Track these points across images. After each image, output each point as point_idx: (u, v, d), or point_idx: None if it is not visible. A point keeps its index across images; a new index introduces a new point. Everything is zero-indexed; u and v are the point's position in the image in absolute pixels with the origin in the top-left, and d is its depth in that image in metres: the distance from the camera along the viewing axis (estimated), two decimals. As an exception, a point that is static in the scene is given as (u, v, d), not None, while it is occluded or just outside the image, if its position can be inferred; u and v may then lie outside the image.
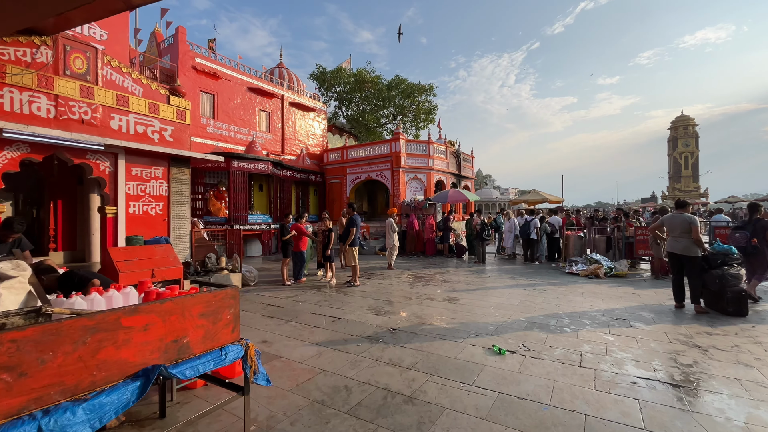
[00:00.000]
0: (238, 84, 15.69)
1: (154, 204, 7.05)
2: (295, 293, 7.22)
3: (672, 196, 52.88)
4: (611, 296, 6.80)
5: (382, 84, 25.66)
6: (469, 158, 21.90)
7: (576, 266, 9.64)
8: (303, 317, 5.53)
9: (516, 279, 8.67)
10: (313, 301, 6.60)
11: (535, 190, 20.43)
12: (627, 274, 9.15)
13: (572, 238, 10.97)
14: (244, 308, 6.02)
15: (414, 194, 16.76)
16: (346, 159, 18.16)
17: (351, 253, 7.70)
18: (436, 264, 11.45)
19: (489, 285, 7.97)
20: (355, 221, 7.67)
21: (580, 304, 6.20)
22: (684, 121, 55.50)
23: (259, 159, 14.01)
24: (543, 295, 6.94)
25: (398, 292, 7.30)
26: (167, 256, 6.72)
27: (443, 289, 7.50)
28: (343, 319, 5.40)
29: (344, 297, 6.86)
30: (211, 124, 14.51)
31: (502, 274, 9.47)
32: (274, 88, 17.34)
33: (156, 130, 7.13)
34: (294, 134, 18.50)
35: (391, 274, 9.47)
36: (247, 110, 16.07)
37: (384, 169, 16.86)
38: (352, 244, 7.74)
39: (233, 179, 13.43)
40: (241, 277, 7.84)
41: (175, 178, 7.28)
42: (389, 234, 10.33)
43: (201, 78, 14.16)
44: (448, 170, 18.61)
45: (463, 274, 9.38)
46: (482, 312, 5.73)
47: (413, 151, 16.94)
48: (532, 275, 9.17)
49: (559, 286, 7.75)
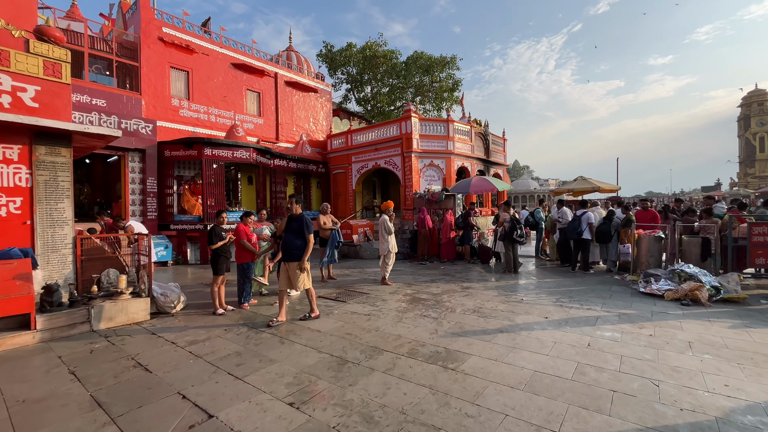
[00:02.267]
0: (220, 59, 13.43)
1: (5, 200, 4.75)
2: (209, 335, 4.67)
3: (744, 183, 45.71)
4: (753, 356, 3.66)
5: (397, 60, 22.55)
6: (500, 141, 18.50)
7: (657, 283, 6.40)
8: (153, 408, 2.93)
9: (564, 305, 5.62)
10: (220, 354, 4.01)
11: (583, 177, 16.73)
12: (746, 298, 5.81)
13: (646, 240, 7.63)
14: (85, 372, 3.54)
15: (430, 184, 13.81)
16: (350, 145, 15.50)
17: (302, 276, 5.01)
18: (451, 274, 8.55)
19: (520, 319, 5.01)
20: (301, 222, 5.01)
21: (699, 381, 3.15)
22: (759, 96, 47.66)
23: (238, 145, 11.68)
24: (617, 348, 3.91)
25: (369, 335, 4.55)
26: (11, 279, 4.40)
27: (445, 329, 4.65)
28: (217, 421, 2.74)
29: (275, 348, 4.21)
30: (185, 106, 12.35)
31: (542, 293, 6.42)
32: (265, 65, 14.96)
33: (3, 91, 4.83)
34: (291, 119, 16.08)
35: (381, 294, 6.72)
36: (232, 90, 13.80)
37: (393, 154, 14.03)
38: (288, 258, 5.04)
39: (207, 170, 11.19)
40: (148, 302, 5.41)
41: (43, 163, 4.96)
42: (382, 236, 7.57)
43: (171, 52, 12.00)
44: (473, 155, 15.43)
45: (482, 294, 6.44)
46: (501, 402, 2.86)
47: (429, 132, 13.96)
48: (588, 296, 6.06)
49: (640, 325, 4.65)
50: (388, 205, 7.65)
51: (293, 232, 5.03)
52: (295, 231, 5.03)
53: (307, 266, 5.05)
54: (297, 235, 5.02)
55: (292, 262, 5.02)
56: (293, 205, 5.09)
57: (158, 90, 11.64)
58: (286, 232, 5.10)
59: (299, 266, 4.94)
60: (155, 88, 11.56)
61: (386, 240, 7.51)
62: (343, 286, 7.53)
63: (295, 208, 5.11)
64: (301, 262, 4.94)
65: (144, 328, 4.98)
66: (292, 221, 5.10)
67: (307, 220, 5.05)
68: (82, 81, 10.12)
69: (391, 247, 7.50)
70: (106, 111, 10.19)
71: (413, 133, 13.40)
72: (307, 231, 4.99)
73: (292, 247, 5.01)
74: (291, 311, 5.65)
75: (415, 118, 13.57)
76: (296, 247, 4.98)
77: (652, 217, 8.61)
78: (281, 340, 4.39)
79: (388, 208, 7.62)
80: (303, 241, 5.00)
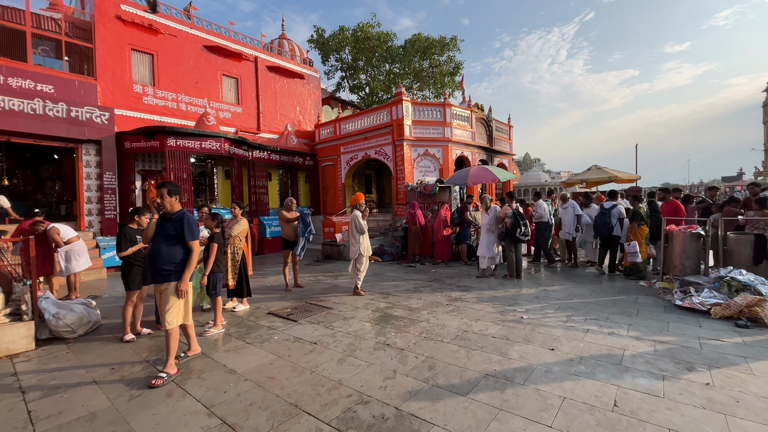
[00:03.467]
0: (189, 41, 12.18)
1: None
2: (83, 378, 3.41)
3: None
4: None
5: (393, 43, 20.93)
6: (505, 128, 16.93)
7: (699, 294, 4.95)
8: None
9: (577, 326, 4.21)
10: (68, 416, 2.75)
11: (597, 166, 15.09)
12: (825, 316, 4.32)
13: (680, 238, 6.12)
14: None
15: (425, 175, 12.42)
16: (339, 134, 14.16)
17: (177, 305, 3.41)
18: (441, 280, 7.19)
19: (516, 352, 3.63)
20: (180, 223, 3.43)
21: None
22: (787, 78, 44.62)
23: (206, 135, 10.44)
24: (660, 410, 2.51)
25: (298, 380, 3.24)
26: None
27: (408, 369, 3.31)
28: None
29: (154, 406, 2.93)
30: (149, 93, 11.15)
31: (548, 307, 5.00)
32: (243, 48, 13.66)
33: None
34: (275, 107, 14.78)
35: (346, 309, 5.41)
36: (205, 75, 12.55)
37: (384, 143, 12.64)
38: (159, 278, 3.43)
39: (171, 163, 9.99)
40: (32, 327, 4.18)
41: None
42: (353, 237, 6.24)
43: (131, 32, 10.79)
44: (474, 142, 13.94)
45: (473, 309, 5.07)
46: None
47: (423, 118, 12.52)
48: (609, 312, 4.63)
49: (688, 365, 3.23)
50: (357, 198, 6.28)
51: (167, 238, 3.41)
52: (169, 237, 3.41)
53: (188, 289, 3.44)
54: (172, 242, 3.40)
55: (166, 284, 3.37)
56: (165, 198, 3.42)
57: (117, 75, 10.45)
58: (155, 238, 3.48)
59: (177, 289, 3.36)
60: (113, 72, 10.38)
61: (357, 241, 6.18)
62: (307, 297, 6.25)
63: (168, 202, 3.44)
64: (181, 283, 3.36)
65: (9, 365, 3.74)
66: (165, 222, 3.46)
67: (190, 219, 3.47)
68: (23, 64, 8.97)
69: (362, 249, 6.16)
70: (53, 98, 9.03)
71: (405, 118, 11.99)
72: (189, 236, 3.41)
73: (164, 260, 3.35)
74: (240, 327, 4.37)
75: (407, 102, 12.14)
76: (171, 261, 3.37)
77: (672, 209, 7.10)
78: (171, 391, 3.10)
79: (358, 202, 6.26)
80: (184, 251, 3.44)
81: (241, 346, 4.08)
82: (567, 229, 8.10)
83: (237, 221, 5.72)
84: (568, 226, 8.09)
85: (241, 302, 5.67)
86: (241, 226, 5.65)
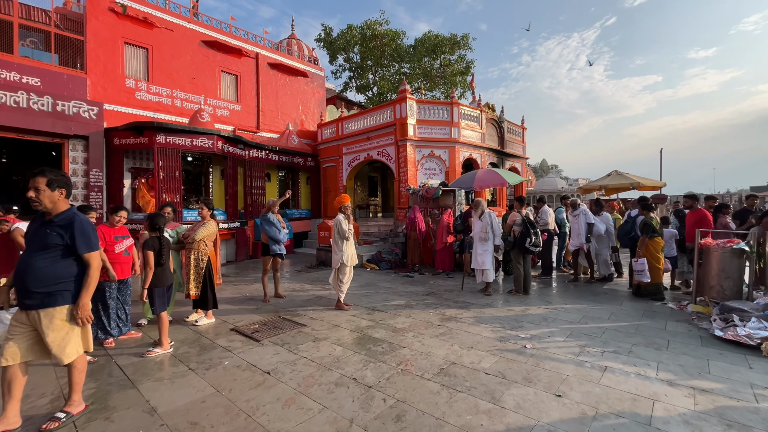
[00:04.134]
0: (187, 36, 11.77)
1: None
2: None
3: (805, 182, 40.49)
4: None
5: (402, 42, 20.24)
6: (518, 129, 16.01)
7: (745, 325, 4.05)
8: None
9: (592, 363, 3.38)
10: None
11: (618, 172, 14.04)
12: None
13: (718, 254, 5.18)
14: None
15: (429, 178, 11.64)
16: (341, 134, 13.52)
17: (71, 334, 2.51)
18: (438, 294, 6.41)
19: (512, 398, 2.84)
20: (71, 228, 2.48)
21: None
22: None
23: (198, 132, 9.94)
24: None
25: (226, 428, 2.53)
26: None
27: (369, 419, 2.57)
28: None
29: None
30: (142, 88, 10.75)
31: (558, 333, 4.18)
32: (243, 44, 13.20)
33: None
34: (276, 105, 14.26)
35: (321, 328, 4.69)
36: (202, 71, 12.11)
37: (387, 144, 11.94)
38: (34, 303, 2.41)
39: (160, 161, 9.52)
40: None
41: None
42: (335, 244, 5.53)
43: (125, 25, 10.42)
44: (484, 144, 13.09)
45: (467, 333, 4.28)
46: None
47: (429, 117, 11.77)
48: (632, 342, 3.78)
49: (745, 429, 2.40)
50: (342, 201, 5.55)
51: (45, 248, 2.45)
52: (48, 247, 2.45)
53: (86, 314, 2.53)
54: (54, 254, 2.46)
55: (46, 310, 2.41)
56: (42, 191, 2.43)
57: (108, 69, 10.07)
58: (29, 248, 2.49)
59: (72, 313, 2.49)
60: (105, 66, 10.01)
61: (340, 248, 5.46)
62: (283, 309, 5.56)
63: (47, 198, 2.46)
64: (77, 306, 2.49)
65: None
66: (45, 227, 2.49)
67: (83, 223, 2.54)
68: (9, 56, 8.65)
69: (345, 258, 5.44)
70: (39, 91, 8.67)
71: (408, 117, 11.27)
72: (84, 246, 2.50)
73: (40, 279, 2.40)
74: (192, 346, 3.71)
75: (412, 100, 11.42)
76: (52, 280, 2.43)
77: (697, 219, 6.10)
78: None
79: (342, 205, 5.54)
80: (75, 266, 2.53)
81: (181, 373, 3.41)
82: (575, 239, 7.21)
83: (204, 223, 5.10)
84: (576, 236, 7.20)
85: (205, 315, 5.03)
86: (207, 230, 5.02)
